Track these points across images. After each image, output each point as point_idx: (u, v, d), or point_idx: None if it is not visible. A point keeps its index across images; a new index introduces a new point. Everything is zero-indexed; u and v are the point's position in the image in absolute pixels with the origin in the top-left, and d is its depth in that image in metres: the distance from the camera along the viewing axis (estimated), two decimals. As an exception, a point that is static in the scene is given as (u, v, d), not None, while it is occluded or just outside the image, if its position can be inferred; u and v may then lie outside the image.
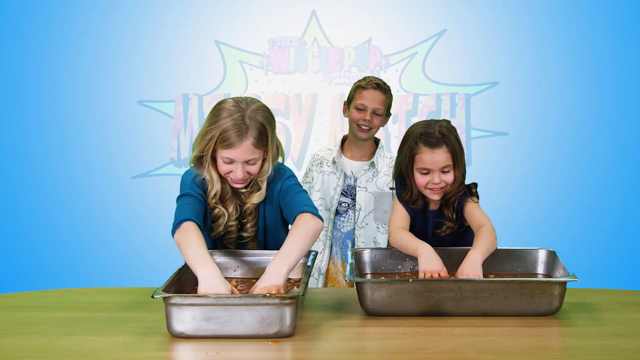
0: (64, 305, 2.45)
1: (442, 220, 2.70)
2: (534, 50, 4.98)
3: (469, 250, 2.49)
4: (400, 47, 5.03)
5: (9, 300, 2.54)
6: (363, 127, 3.35)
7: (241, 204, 2.56)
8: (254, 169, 2.43)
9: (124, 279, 4.79)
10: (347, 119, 3.45)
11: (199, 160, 2.46)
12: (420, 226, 2.73)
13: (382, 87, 3.35)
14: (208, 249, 2.27)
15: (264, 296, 2.00)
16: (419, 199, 2.68)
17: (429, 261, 2.42)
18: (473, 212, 2.63)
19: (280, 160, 2.56)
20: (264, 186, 2.50)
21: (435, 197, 2.64)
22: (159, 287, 2.08)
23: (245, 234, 2.57)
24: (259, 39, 5.03)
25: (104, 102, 5.06)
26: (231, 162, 2.40)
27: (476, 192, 2.68)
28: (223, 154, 2.39)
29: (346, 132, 3.52)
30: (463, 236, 2.72)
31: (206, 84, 5.06)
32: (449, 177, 2.60)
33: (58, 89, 5.05)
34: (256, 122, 2.38)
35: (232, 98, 2.45)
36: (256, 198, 2.51)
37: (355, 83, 3.42)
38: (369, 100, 3.33)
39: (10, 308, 2.43)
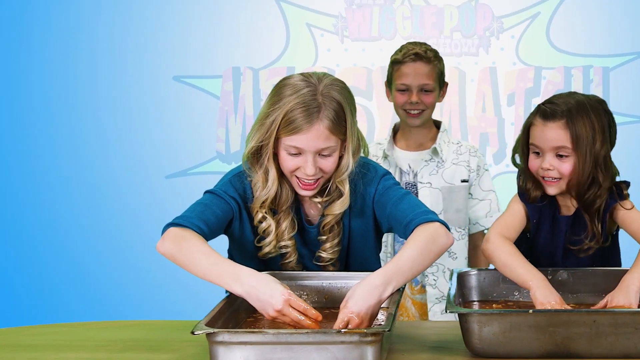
0: (77, 344, 2.46)
1: (580, 235, 2.59)
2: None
3: (620, 271, 2.46)
4: (518, 7, 5.03)
5: (5, 338, 2.55)
6: (412, 111, 3.41)
7: (309, 217, 2.55)
8: (328, 163, 2.39)
9: (154, 307, 4.87)
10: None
11: (255, 155, 2.44)
12: (547, 239, 2.65)
13: (423, 57, 3.41)
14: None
15: (339, 332, 1.99)
16: (533, 187, 2.60)
17: (546, 293, 2.34)
18: (633, 218, 2.53)
19: (362, 154, 2.52)
20: (346, 190, 2.46)
21: (551, 190, 2.55)
22: (201, 320, 2.07)
23: (324, 255, 2.53)
24: (332, -4, 5.07)
25: (131, 78, 5.13)
26: (299, 153, 2.37)
27: (627, 193, 2.58)
28: (288, 142, 2.36)
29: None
30: (609, 256, 2.64)
31: (263, 54, 5.11)
32: (565, 166, 2.50)
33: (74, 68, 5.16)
34: (331, 100, 2.35)
35: (299, 73, 2.45)
36: (338, 207, 2.47)
37: (391, 57, 3.49)
38: (410, 77, 3.40)
39: (7, 348, 2.44)
